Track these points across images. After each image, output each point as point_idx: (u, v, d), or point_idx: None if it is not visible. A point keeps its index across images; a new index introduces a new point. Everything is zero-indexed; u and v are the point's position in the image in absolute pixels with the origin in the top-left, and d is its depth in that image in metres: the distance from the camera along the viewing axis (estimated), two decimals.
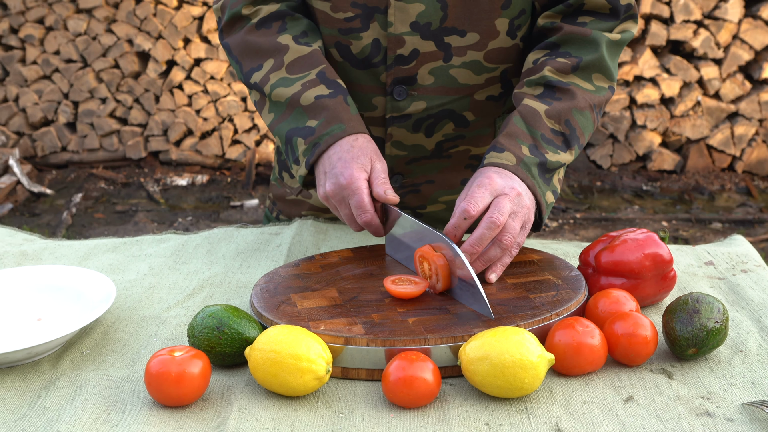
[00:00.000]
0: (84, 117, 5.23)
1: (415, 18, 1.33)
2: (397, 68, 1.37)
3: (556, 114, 1.29)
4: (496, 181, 1.20)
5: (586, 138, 1.33)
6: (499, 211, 1.17)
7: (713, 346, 1.07)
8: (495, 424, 0.97)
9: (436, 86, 1.38)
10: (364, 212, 1.23)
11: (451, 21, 1.33)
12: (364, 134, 1.28)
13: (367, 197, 1.23)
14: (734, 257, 1.39)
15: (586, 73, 1.32)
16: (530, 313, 1.10)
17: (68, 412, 1.00)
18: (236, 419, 0.98)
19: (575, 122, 1.30)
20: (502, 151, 1.25)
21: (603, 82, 1.34)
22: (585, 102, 1.31)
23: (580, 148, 1.33)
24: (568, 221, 4.57)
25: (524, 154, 1.25)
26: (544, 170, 1.26)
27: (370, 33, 1.35)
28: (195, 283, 1.33)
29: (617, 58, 1.37)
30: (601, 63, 1.33)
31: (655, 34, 4.89)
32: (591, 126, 1.33)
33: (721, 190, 4.91)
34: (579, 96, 1.31)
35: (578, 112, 1.30)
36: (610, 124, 5.03)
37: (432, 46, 1.35)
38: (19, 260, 1.43)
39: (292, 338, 1.01)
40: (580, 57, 1.32)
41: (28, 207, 4.83)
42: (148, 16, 5.08)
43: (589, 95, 1.32)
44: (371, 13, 1.34)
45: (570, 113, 1.30)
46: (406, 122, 1.41)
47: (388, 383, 1.00)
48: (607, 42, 1.33)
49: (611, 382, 1.04)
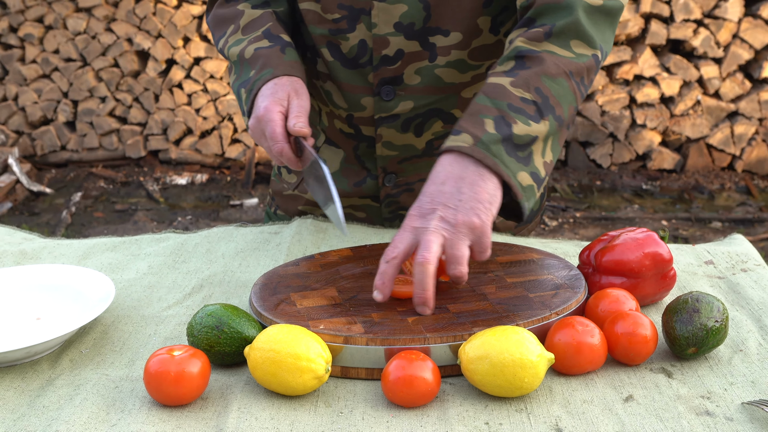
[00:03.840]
0: (83, 116, 5.22)
1: (399, 18, 1.33)
2: (383, 68, 1.37)
3: (523, 82, 1.17)
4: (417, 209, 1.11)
5: (564, 109, 1.19)
6: (426, 249, 1.07)
7: (713, 345, 1.07)
8: (495, 423, 0.97)
9: (423, 86, 1.38)
10: (275, 143, 1.26)
11: (434, 21, 1.33)
12: (292, 76, 1.32)
13: (279, 128, 1.26)
14: (734, 256, 1.39)
15: (561, 39, 1.21)
16: (530, 313, 1.10)
17: (67, 412, 1.00)
18: (235, 418, 0.98)
19: (546, 89, 1.17)
20: (459, 134, 1.14)
21: (583, 49, 1.22)
22: (557, 68, 1.19)
23: (559, 121, 1.18)
24: (567, 220, 4.57)
25: (485, 131, 1.13)
26: (513, 147, 1.14)
27: (356, 34, 1.36)
28: (194, 282, 1.33)
29: (603, 25, 1.25)
30: (577, 28, 1.21)
31: (655, 33, 4.89)
32: (570, 95, 1.20)
33: (721, 190, 4.91)
34: (549, 62, 1.19)
35: (549, 78, 1.18)
36: (610, 123, 5.03)
37: (417, 46, 1.35)
38: (18, 259, 1.43)
39: (292, 337, 1.01)
40: (553, 23, 1.21)
41: (27, 206, 4.83)
42: (148, 15, 5.08)
43: (564, 61, 1.19)
44: (357, 14, 1.35)
45: (539, 80, 1.17)
46: (395, 122, 1.42)
47: (388, 382, 1.00)
48: (584, 6, 1.22)
49: (611, 382, 1.04)
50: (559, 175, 5.13)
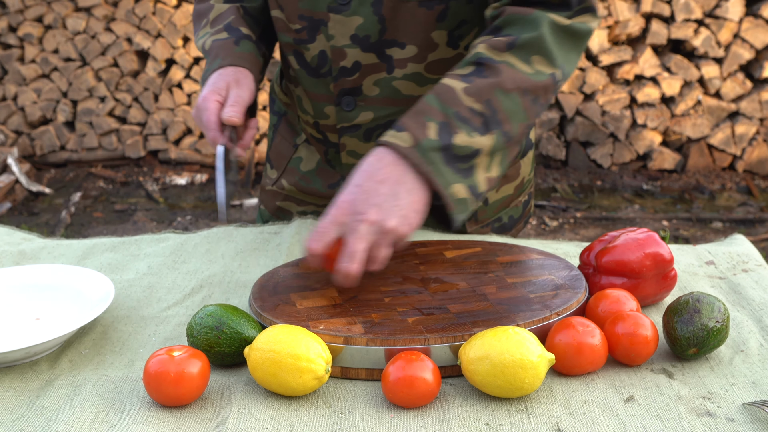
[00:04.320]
0: (83, 116, 5.22)
1: (355, 31, 1.33)
2: (343, 79, 1.38)
3: (476, 91, 1.14)
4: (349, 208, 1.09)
5: (514, 125, 1.16)
6: (352, 259, 1.08)
7: (714, 345, 1.07)
8: (495, 423, 0.97)
9: (382, 97, 1.39)
10: (209, 131, 1.29)
11: (389, 34, 1.33)
12: (238, 66, 1.35)
13: (214, 117, 1.29)
14: (735, 257, 1.38)
15: (523, 53, 1.18)
16: (530, 313, 1.09)
17: (67, 412, 1.00)
18: (235, 419, 0.98)
19: (498, 103, 1.15)
20: (402, 131, 1.12)
21: (544, 66, 1.19)
22: (512, 83, 1.16)
23: (505, 137, 1.15)
24: (568, 220, 4.57)
25: (426, 136, 1.11)
26: (452, 157, 1.12)
27: (317, 44, 1.37)
28: (194, 282, 1.33)
29: (568, 46, 1.22)
30: (540, 44, 1.18)
31: (655, 32, 4.89)
32: (521, 113, 1.17)
33: (722, 190, 4.91)
34: (506, 75, 1.16)
35: (502, 92, 1.15)
36: (611, 123, 5.03)
37: (374, 58, 1.35)
38: (17, 259, 1.43)
39: (292, 338, 1.01)
40: (518, 35, 1.19)
41: (26, 206, 4.83)
42: (147, 14, 5.08)
43: (520, 77, 1.16)
44: (317, 25, 1.36)
45: (492, 92, 1.15)
46: (357, 132, 1.43)
47: (388, 383, 0.99)
48: (550, 23, 1.19)
49: (612, 382, 1.04)
50: (559, 175, 5.13)
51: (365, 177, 1.11)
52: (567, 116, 5.11)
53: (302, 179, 1.55)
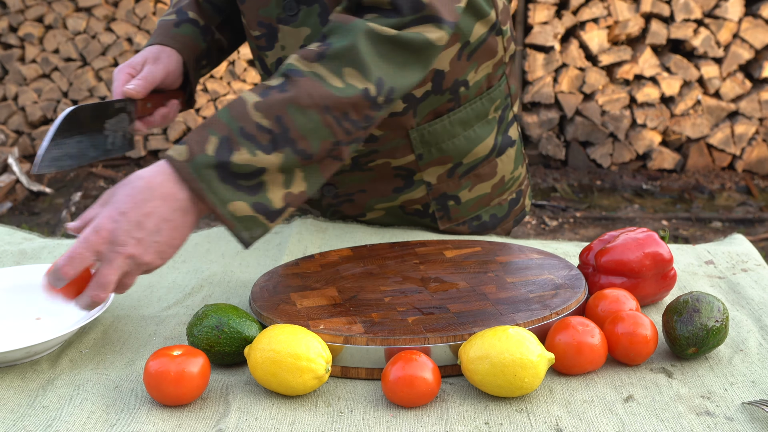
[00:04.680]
0: None
1: (303, 41, 1.33)
2: None
3: (266, 107, 1.07)
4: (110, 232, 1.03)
5: (312, 143, 1.08)
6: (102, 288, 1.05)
7: (713, 345, 1.07)
8: (495, 423, 0.97)
9: None
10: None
11: None
12: (164, 45, 1.37)
13: (119, 88, 1.30)
14: (734, 256, 1.39)
15: (334, 64, 1.10)
16: (530, 312, 1.10)
17: (67, 412, 1.00)
18: (236, 418, 0.98)
19: (290, 121, 1.07)
20: (183, 144, 1.06)
21: (356, 80, 1.10)
22: (309, 99, 1.08)
23: (301, 155, 1.08)
24: (568, 220, 4.57)
25: (203, 151, 1.05)
26: (231, 175, 1.05)
27: (274, 52, 1.38)
28: (194, 282, 1.33)
29: (398, 59, 1.13)
30: (353, 55, 1.10)
31: (655, 32, 4.89)
32: (323, 130, 1.09)
33: (721, 189, 4.91)
34: (303, 90, 1.08)
35: (297, 109, 1.08)
36: (610, 123, 5.03)
37: None
38: (18, 259, 1.43)
39: (292, 337, 1.01)
40: (330, 44, 1.12)
41: (27, 206, 4.83)
42: (148, 14, 5.08)
43: (322, 91, 1.08)
44: (273, 33, 1.36)
45: (284, 108, 1.07)
46: None
47: (388, 382, 0.99)
48: (367, 32, 1.11)
49: (611, 382, 1.04)
50: (559, 175, 5.13)
51: (132, 205, 1.04)
52: (567, 116, 5.11)
53: None
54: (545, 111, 5.13)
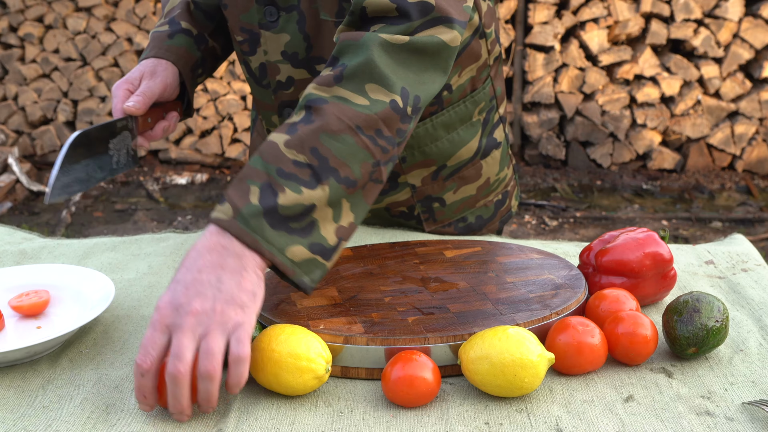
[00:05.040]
0: (83, 116, 5.22)
1: (284, 47, 1.34)
2: (280, 92, 1.40)
3: (297, 143, 1.03)
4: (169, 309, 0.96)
5: (353, 168, 1.05)
6: (178, 358, 0.94)
7: (713, 345, 1.07)
8: (495, 423, 0.97)
9: None
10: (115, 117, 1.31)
11: (316, 51, 1.34)
12: (159, 58, 1.37)
13: (119, 104, 1.30)
14: (734, 256, 1.39)
15: (355, 83, 1.07)
16: (530, 312, 1.10)
17: (67, 411, 1.00)
18: (235, 419, 0.98)
19: (326, 150, 1.03)
20: (224, 203, 1.01)
21: (380, 94, 1.07)
22: (339, 123, 1.04)
23: (345, 183, 1.04)
24: (568, 220, 4.57)
25: (248, 202, 1.00)
26: (280, 219, 1.00)
27: (257, 57, 1.39)
28: None
29: (415, 66, 1.11)
30: (372, 70, 1.07)
31: (655, 32, 4.89)
32: (360, 152, 1.05)
33: (721, 189, 4.91)
34: (332, 116, 1.04)
35: (330, 136, 1.04)
36: (610, 123, 5.03)
37: (305, 74, 1.36)
38: (18, 259, 1.43)
39: (292, 337, 1.01)
40: (346, 63, 1.09)
41: (27, 206, 4.83)
42: (148, 14, 5.08)
43: (349, 113, 1.05)
44: (256, 38, 1.37)
45: (317, 139, 1.03)
46: None
47: (388, 382, 0.99)
48: (381, 43, 1.09)
49: (611, 382, 1.04)
50: (559, 175, 5.13)
51: (183, 271, 0.98)
52: (567, 116, 5.11)
53: None
54: (545, 111, 5.13)
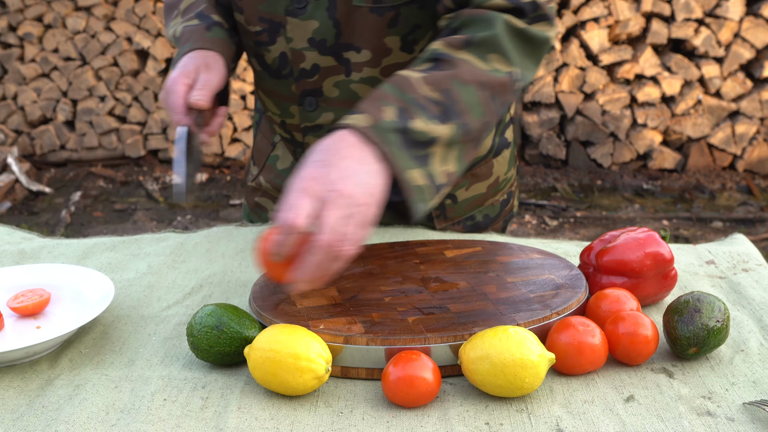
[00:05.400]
0: (83, 115, 5.22)
1: (312, 34, 1.34)
2: (303, 81, 1.39)
3: (434, 81, 1.11)
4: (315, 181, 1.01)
5: (473, 118, 1.12)
6: (323, 229, 0.99)
7: (714, 345, 1.07)
8: (495, 423, 0.96)
9: (342, 99, 1.39)
10: (174, 113, 1.27)
11: (345, 38, 1.33)
12: (208, 50, 1.33)
13: (180, 100, 1.27)
14: (735, 256, 1.38)
15: (479, 51, 1.16)
16: (531, 312, 1.09)
17: (67, 412, 1.00)
18: (236, 418, 0.98)
19: (457, 94, 1.11)
20: (359, 113, 1.07)
21: (500, 64, 1.16)
22: (471, 75, 1.13)
23: (463, 129, 1.12)
24: (568, 220, 4.57)
25: (383, 117, 1.06)
26: (409, 142, 1.07)
27: (277, 46, 1.38)
28: (194, 281, 1.33)
29: (525, 51, 1.20)
30: (496, 42, 1.16)
31: (656, 32, 4.89)
32: (480, 107, 1.13)
33: (722, 189, 4.91)
34: (463, 68, 1.13)
35: (460, 83, 1.12)
36: (611, 123, 5.03)
37: (332, 61, 1.36)
38: (17, 259, 1.43)
39: (292, 337, 1.01)
40: (473, 33, 1.17)
41: (26, 205, 4.83)
42: (147, 14, 5.08)
43: (478, 71, 1.14)
44: (276, 28, 1.36)
45: (450, 82, 1.12)
46: (320, 132, 1.43)
47: (388, 382, 0.99)
48: (505, 23, 1.18)
49: (612, 382, 1.04)
50: (559, 175, 5.13)
51: (328, 154, 1.03)
52: (567, 116, 5.11)
53: (277, 177, 1.56)
54: (545, 110, 5.13)
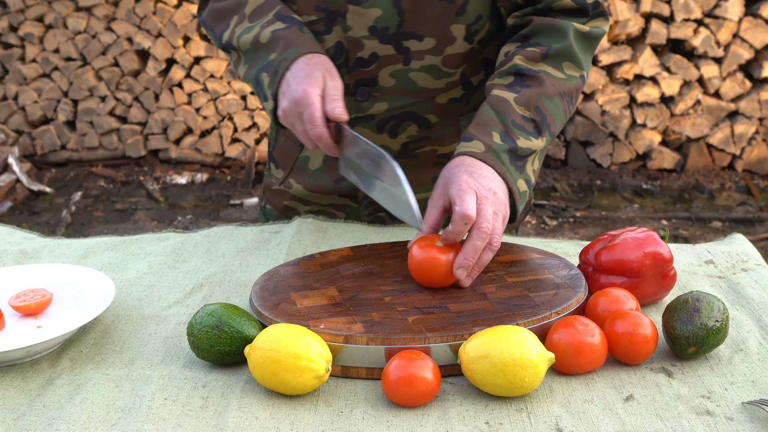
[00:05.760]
0: (83, 115, 5.22)
1: (373, 23, 1.33)
2: (359, 70, 1.38)
3: (525, 101, 1.28)
4: (472, 183, 1.18)
5: (557, 125, 1.32)
6: (485, 218, 1.16)
7: (713, 345, 1.07)
8: (495, 423, 0.97)
9: (397, 88, 1.39)
10: (314, 126, 1.24)
11: (408, 26, 1.33)
12: (321, 54, 1.30)
13: (319, 112, 1.24)
14: (734, 256, 1.39)
15: (555, 61, 1.32)
16: (530, 312, 1.10)
17: (67, 411, 1.00)
18: (236, 418, 0.98)
19: (545, 109, 1.30)
20: (471, 140, 1.25)
21: (573, 70, 1.34)
22: (554, 89, 1.31)
23: (552, 136, 1.32)
24: (568, 220, 4.57)
25: (494, 142, 1.24)
26: (515, 157, 1.26)
27: (333, 36, 1.36)
28: (194, 281, 1.33)
29: (588, 50, 1.36)
30: (570, 51, 1.32)
31: (655, 32, 4.89)
32: (562, 114, 1.33)
33: (721, 189, 4.91)
34: (548, 83, 1.30)
35: (547, 98, 1.30)
36: (610, 123, 5.03)
37: (391, 50, 1.36)
38: (18, 259, 1.43)
39: (292, 337, 1.01)
40: (549, 45, 1.32)
41: (27, 205, 4.83)
42: (148, 14, 5.08)
43: (558, 83, 1.32)
44: (333, 16, 1.35)
45: (539, 100, 1.29)
46: (370, 123, 1.43)
47: (388, 382, 0.99)
48: (575, 31, 1.33)
49: (611, 381, 1.04)
50: (559, 175, 5.13)
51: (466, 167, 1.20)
52: None
53: (310, 177, 1.54)
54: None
